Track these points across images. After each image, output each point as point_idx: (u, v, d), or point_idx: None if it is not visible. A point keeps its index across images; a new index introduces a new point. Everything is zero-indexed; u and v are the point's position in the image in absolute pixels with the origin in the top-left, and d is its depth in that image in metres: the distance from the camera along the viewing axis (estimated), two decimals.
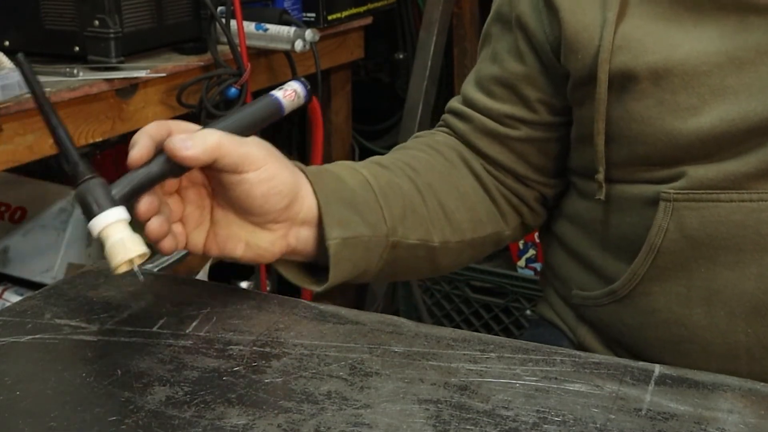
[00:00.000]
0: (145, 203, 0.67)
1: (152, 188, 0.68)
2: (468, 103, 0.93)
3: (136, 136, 0.69)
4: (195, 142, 0.68)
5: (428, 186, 0.86)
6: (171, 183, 0.71)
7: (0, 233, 1.85)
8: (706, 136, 0.75)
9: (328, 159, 2.14)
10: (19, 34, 1.48)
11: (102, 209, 0.64)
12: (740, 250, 0.76)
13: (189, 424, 0.56)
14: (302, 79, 0.79)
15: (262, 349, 0.65)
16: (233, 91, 1.59)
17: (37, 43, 1.48)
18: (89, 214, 0.65)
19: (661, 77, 0.77)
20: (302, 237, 0.76)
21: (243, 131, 0.73)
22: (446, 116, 0.97)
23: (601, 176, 0.82)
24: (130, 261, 0.64)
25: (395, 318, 0.70)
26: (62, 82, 1.35)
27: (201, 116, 1.57)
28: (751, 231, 0.75)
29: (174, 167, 0.68)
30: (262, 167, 0.71)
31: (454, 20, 2.12)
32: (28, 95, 1.28)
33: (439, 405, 0.58)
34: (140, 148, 0.68)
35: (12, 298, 1.74)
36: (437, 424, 0.56)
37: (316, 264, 0.79)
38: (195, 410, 0.57)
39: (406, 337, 0.66)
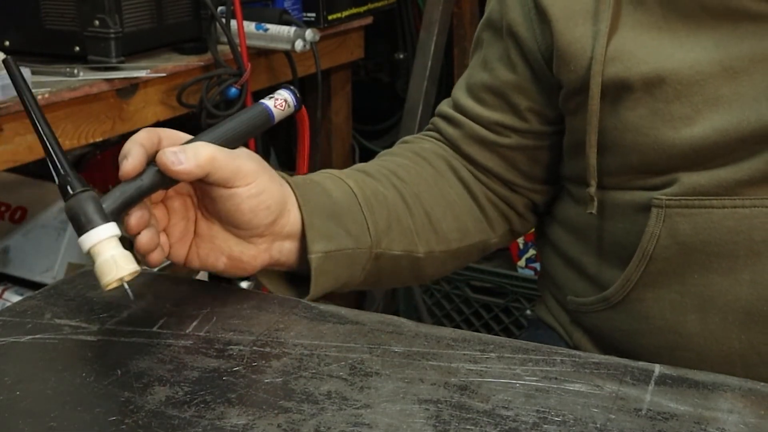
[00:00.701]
0: (135, 217, 0.67)
1: (142, 200, 0.67)
2: (458, 108, 0.93)
3: (127, 146, 0.68)
4: (188, 155, 0.67)
5: (415, 196, 0.86)
6: (157, 193, 0.71)
7: (0, 233, 1.85)
8: (699, 145, 0.75)
9: (328, 159, 2.14)
10: (19, 34, 1.49)
11: (93, 225, 0.63)
12: (733, 256, 0.75)
13: (189, 424, 0.56)
14: (291, 87, 0.78)
15: (262, 349, 0.65)
16: (233, 91, 1.59)
17: (37, 43, 1.48)
18: (80, 230, 0.64)
19: (655, 87, 0.76)
20: (285, 250, 0.76)
21: (233, 142, 0.72)
22: (436, 120, 0.96)
23: (593, 190, 0.82)
24: (121, 279, 0.63)
25: (395, 318, 0.70)
26: (62, 82, 1.35)
27: (201, 116, 1.58)
28: (744, 237, 0.75)
29: (165, 179, 0.68)
30: (253, 182, 0.71)
31: (454, 20, 2.12)
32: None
33: (439, 405, 0.58)
34: (133, 159, 0.67)
35: (12, 298, 1.74)
36: (437, 424, 0.56)
37: (298, 273, 0.79)
38: (195, 410, 0.57)
39: (406, 337, 0.66)
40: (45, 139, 0.65)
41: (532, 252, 1.90)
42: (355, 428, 0.55)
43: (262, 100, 0.76)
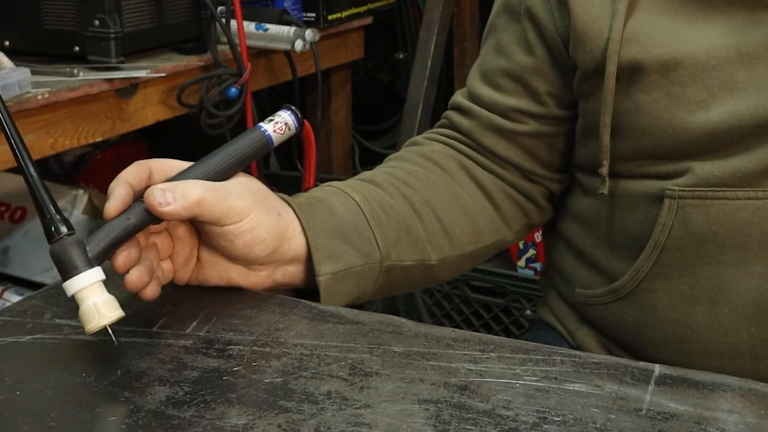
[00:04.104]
0: (122, 257, 0.66)
1: (131, 238, 0.67)
2: (474, 98, 0.92)
3: (113, 184, 0.68)
4: (176, 196, 0.67)
5: (426, 203, 0.85)
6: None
7: (0, 233, 1.85)
8: (714, 130, 0.75)
9: (328, 159, 2.14)
10: (19, 34, 1.49)
11: (77, 271, 0.63)
12: (745, 248, 0.76)
13: (189, 424, 0.56)
14: (293, 107, 0.76)
15: (262, 349, 0.65)
16: (233, 91, 1.59)
17: (37, 43, 1.48)
18: (64, 275, 0.64)
19: (670, 70, 0.77)
20: (290, 272, 0.76)
21: (229, 171, 0.72)
22: (450, 113, 0.96)
23: (605, 170, 0.82)
24: (103, 326, 0.64)
25: (395, 318, 0.70)
26: (62, 82, 1.35)
27: (201, 116, 1.58)
28: (757, 229, 0.75)
29: (154, 216, 0.67)
30: (245, 218, 0.71)
31: (454, 20, 2.12)
32: (29, 95, 1.28)
33: (439, 405, 0.58)
34: (115, 200, 0.67)
35: (12, 298, 1.74)
36: (437, 424, 0.56)
37: (307, 290, 0.79)
38: (195, 410, 0.57)
39: (406, 337, 0.66)
40: (32, 182, 0.65)
41: (532, 252, 1.90)
42: (355, 428, 0.55)
43: (261, 124, 0.75)
